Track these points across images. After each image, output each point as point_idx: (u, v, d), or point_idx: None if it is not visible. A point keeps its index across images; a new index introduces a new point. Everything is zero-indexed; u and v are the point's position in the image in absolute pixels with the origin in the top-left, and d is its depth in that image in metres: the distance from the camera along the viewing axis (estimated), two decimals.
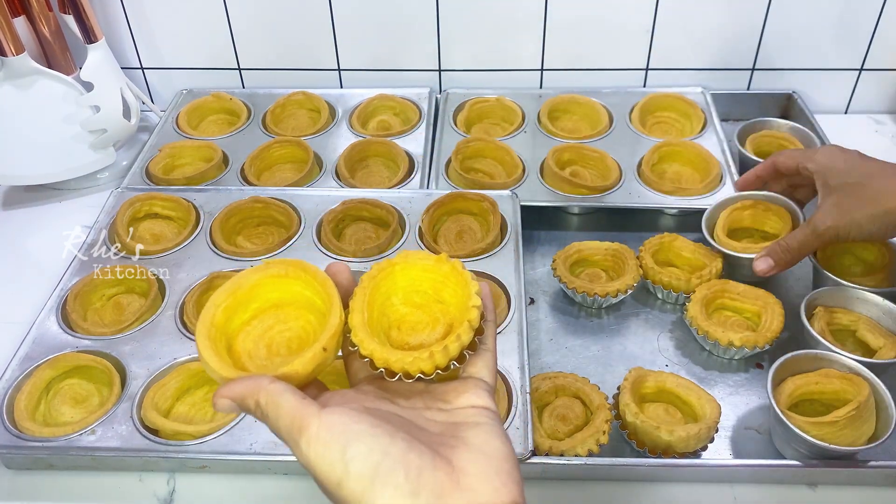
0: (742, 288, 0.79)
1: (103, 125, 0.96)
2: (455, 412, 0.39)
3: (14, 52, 0.89)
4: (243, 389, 0.37)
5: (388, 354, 0.39)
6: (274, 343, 0.42)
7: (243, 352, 0.41)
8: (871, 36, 1.05)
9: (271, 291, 0.43)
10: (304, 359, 0.38)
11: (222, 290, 0.42)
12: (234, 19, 1.09)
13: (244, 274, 0.42)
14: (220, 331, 0.41)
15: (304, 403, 0.35)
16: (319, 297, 0.42)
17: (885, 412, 0.64)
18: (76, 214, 0.95)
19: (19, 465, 0.68)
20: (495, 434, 0.37)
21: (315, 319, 0.43)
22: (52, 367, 0.72)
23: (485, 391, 0.40)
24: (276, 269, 0.43)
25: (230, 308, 0.42)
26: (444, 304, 0.42)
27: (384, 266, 0.43)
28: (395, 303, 0.43)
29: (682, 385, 0.70)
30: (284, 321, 0.43)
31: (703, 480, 0.66)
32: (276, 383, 0.36)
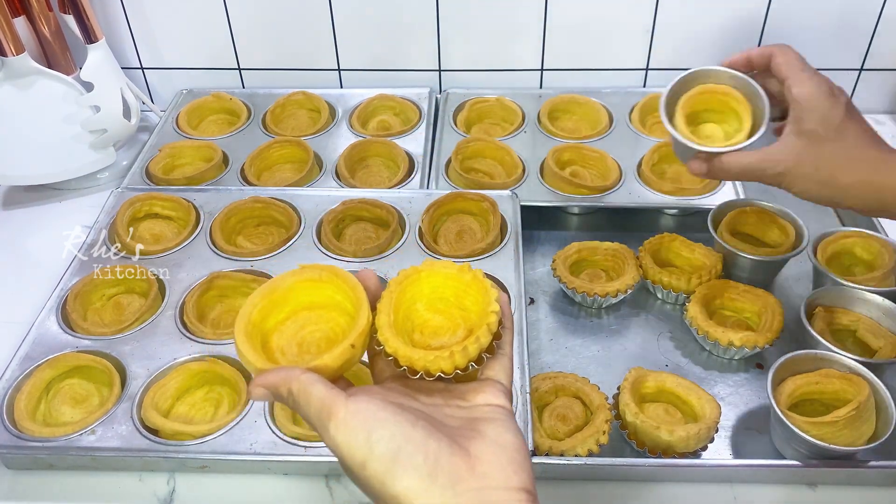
0: (742, 288, 0.79)
1: (103, 125, 0.96)
2: (473, 409, 0.41)
3: (14, 52, 0.89)
4: (277, 379, 0.39)
5: (410, 353, 0.41)
6: (305, 341, 0.45)
7: (277, 348, 0.44)
8: (871, 36, 1.05)
9: (305, 294, 0.45)
10: (333, 354, 0.41)
11: (259, 292, 0.45)
12: (234, 19, 1.09)
13: (280, 277, 0.45)
14: (256, 328, 0.43)
15: (333, 392, 0.38)
16: (349, 301, 0.45)
17: (884, 412, 0.64)
18: (76, 214, 0.95)
19: (19, 465, 0.68)
20: (509, 428, 0.40)
21: (345, 321, 0.45)
22: (53, 367, 0.72)
23: (501, 392, 0.43)
24: (311, 274, 0.45)
25: (266, 308, 0.44)
26: (466, 310, 0.45)
27: (410, 273, 0.45)
28: (420, 308, 0.45)
29: (682, 385, 0.70)
30: (316, 322, 0.45)
31: (703, 480, 0.66)
32: (308, 374, 0.39)
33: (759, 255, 0.80)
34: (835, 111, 0.60)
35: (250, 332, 0.43)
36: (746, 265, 0.81)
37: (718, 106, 0.68)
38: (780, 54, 0.63)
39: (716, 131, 0.68)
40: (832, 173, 0.60)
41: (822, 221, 0.91)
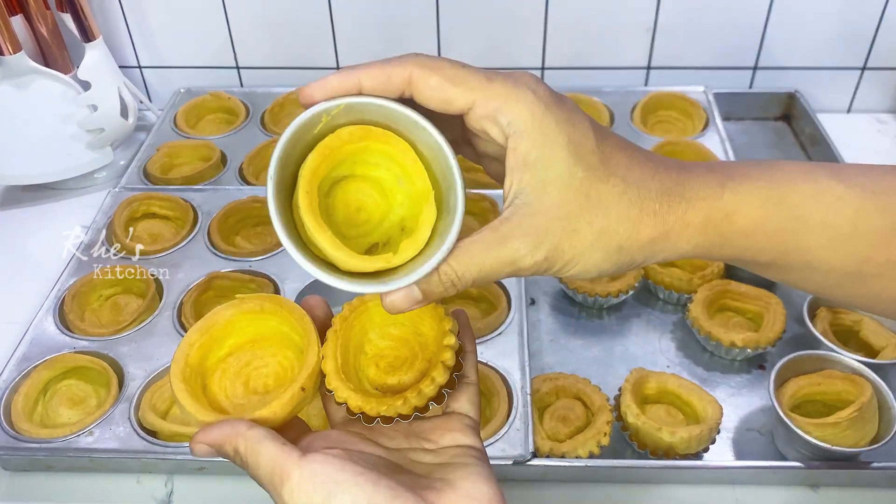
0: (744, 288, 0.78)
1: (101, 124, 0.96)
2: (441, 452, 0.38)
3: (11, 50, 0.89)
4: (220, 436, 0.35)
5: (361, 402, 0.38)
6: (251, 380, 0.41)
7: (220, 390, 0.41)
8: (874, 35, 1.05)
9: (247, 327, 0.42)
10: (282, 400, 0.38)
11: (196, 329, 0.41)
12: (232, 18, 1.09)
13: (218, 310, 0.42)
14: (194, 371, 0.40)
15: (285, 451, 0.34)
16: (296, 333, 0.41)
17: (887, 413, 0.64)
18: (74, 214, 0.94)
19: (16, 467, 0.67)
20: (482, 477, 0.36)
21: (293, 355, 0.42)
22: (50, 368, 0.71)
23: (469, 427, 0.39)
24: (251, 305, 0.42)
25: (205, 346, 0.41)
26: (422, 336, 0.41)
27: (356, 305, 0.41)
28: (373, 338, 0.42)
29: (684, 386, 0.69)
30: (261, 357, 0.42)
31: (704, 482, 0.66)
32: (255, 429, 0.35)
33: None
34: (577, 133, 0.35)
35: (188, 376, 0.40)
36: None
37: (377, 164, 0.38)
38: (424, 75, 0.35)
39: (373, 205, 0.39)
40: (612, 232, 0.35)
41: None
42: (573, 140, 0.35)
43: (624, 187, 0.35)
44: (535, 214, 0.35)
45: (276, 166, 0.35)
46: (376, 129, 0.36)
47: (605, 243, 0.35)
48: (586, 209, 0.35)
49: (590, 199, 0.35)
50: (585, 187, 0.35)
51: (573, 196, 0.35)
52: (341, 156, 0.37)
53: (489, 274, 0.36)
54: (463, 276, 0.36)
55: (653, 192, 0.36)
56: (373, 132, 0.36)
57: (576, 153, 0.35)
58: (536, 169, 0.34)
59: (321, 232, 0.35)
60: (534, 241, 0.35)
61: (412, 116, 0.35)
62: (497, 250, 0.35)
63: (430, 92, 0.34)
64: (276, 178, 0.35)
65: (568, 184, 0.34)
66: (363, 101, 0.35)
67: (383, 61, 0.35)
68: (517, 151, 0.34)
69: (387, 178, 0.38)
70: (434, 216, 0.36)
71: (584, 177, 0.35)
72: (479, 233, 0.36)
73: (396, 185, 0.38)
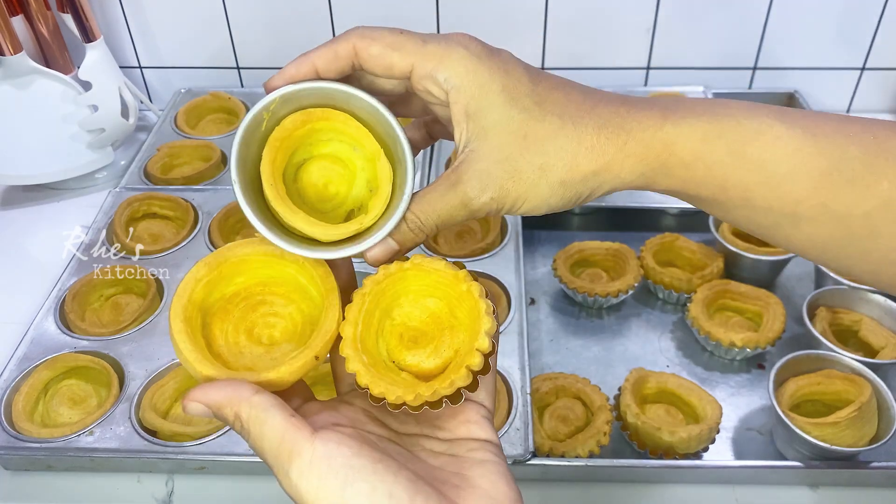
0: (744, 288, 0.78)
1: (101, 124, 0.96)
2: (455, 444, 0.36)
3: (12, 51, 0.89)
4: (221, 397, 0.33)
5: (371, 381, 0.35)
6: (256, 329, 0.37)
7: (220, 334, 0.37)
8: (874, 35, 1.05)
9: (261, 269, 0.38)
10: (292, 367, 0.34)
11: (205, 262, 0.37)
12: (232, 18, 1.09)
13: (233, 246, 0.38)
14: (197, 309, 0.36)
15: (295, 424, 0.32)
16: (315, 289, 0.38)
17: (887, 413, 0.64)
18: (74, 214, 0.94)
19: (17, 466, 0.67)
20: (502, 476, 0.34)
21: (307, 310, 0.38)
22: (50, 368, 0.71)
23: (485, 419, 0.37)
24: (273, 247, 0.37)
25: (212, 283, 0.37)
26: (457, 321, 0.38)
27: (394, 271, 0.38)
28: (404, 304, 0.39)
29: (684, 386, 0.70)
30: (271, 305, 0.38)
31: (704, 482, 0.66)
32: (261, 395, 0.32)
33: (761, 254, 0.80)
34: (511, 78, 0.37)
35: (190, 315, 0.36)
36: (748, 265, 0.81)
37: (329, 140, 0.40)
38: (365, 45, 0.37)
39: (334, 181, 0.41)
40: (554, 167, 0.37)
41: None
42: (507, 86, 0.37)
43: (560, 124, 0.37)
44: (479, 160, 0.37)
45: (236, 171, 0.37)
46: (315, 110, 0.38)
47: (547, 180, 0.37)
48: (525, 149, 0.37)
49: (527, 140, 0.37)
50: (523, 129, 0.37)
51: (512, 139, 0.37)
52: (293, 143, 0.39)
53: (447, 218, 0.38)
54: (426, 223, 0.38)
55: (590, 127, 0.37)
56: (313, 114, 0.38)
57: (511, 98, 0.37)
58: (477, 117, 0.37)
59: (293, 214, 0.37)
60: (480, 184, 0.37)
61: (343, 89, 0.37)
62: (449, 196, 0.37)
63: (373, 60, 0.37)
64: (241, 182, 0.37)
65: (506, 127, 0.37)
66: (296, 89, 0.37)
67: (331, 40, 0.37)
68: (458, 104, 0.37)
69: (341, 149, 0.40)
70: (389, 171, 0.38)
71: (521, 119, 0.37)
72: (435, 182, 0.38)
73: (353, 153, 0.40)
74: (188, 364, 0.34)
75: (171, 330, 0.35)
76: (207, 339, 0.36)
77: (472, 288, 0.37)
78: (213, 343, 0.36)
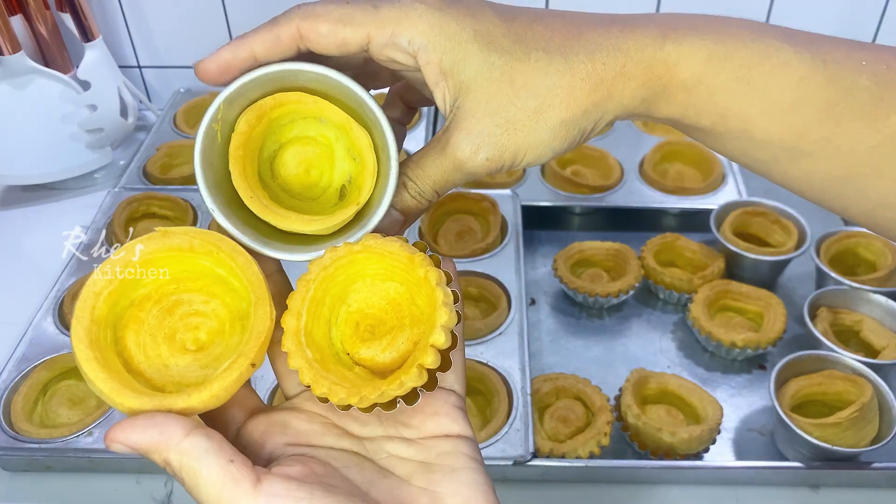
0: (745, 288, 0.78)
1: (100, 124, 0.95)
2: (425, 444, 0.32)
3: (10, 50, 0.89)
4: (146, 440, 0.28)
5: (312, 378, 0.31)
6: (178, 334, 0.33)
7: (137, 348, 0.32)
8: (874, 35, 1.04)
9: (169, 266, 0.34)
10: (225, 382, 0.30)
11: (102, 271, 0.33)
12: (232, 18, 1.08)
13: (131, 245, 0.34)
14: (103, 327, 0.31)
15: (234, 476, 0.27)
16: (238, 281, 0.33)
17: (888, 413, 0.64)
18: (73, 214, 0.94)
19: (16, 467, 0.67)
20: (478, 488, 0.31)
21: (232, 302, 0.33)
22: (49, 369, 0.71)
23: (457, 409, 0.33)
24: (178, 240, 0.33)
25: (116, 292, 0.32)
26: (418, 309, 0.34)
27: (343, 254, 0.33)
28: (361, 288, 0.35)
29: (685, 386, 0.69)
30: (189, 303, 0.33)
31: (705, 482, 0.65)
32: (193, 436, 0.28)
33: (761, 255, 0.80)
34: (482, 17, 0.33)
35: (96, 336, 0.30)
36: (749, 265, 0.81)
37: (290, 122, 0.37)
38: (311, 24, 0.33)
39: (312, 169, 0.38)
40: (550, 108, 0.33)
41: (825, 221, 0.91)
42: (480, 31, 0.33)
43: (547, 59, 0.33)
44: (466, 117, 0.33)
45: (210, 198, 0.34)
46: (266, 100, 0.35)
47: (545, 123, 0.33)
48: (514, 95, 0.33)
49: (515, 84, 0.33)
50: (508, 73, 0.32)
51: (497, 87, 0.33)
52: (255, 143, 0.36)
53: (444, 183, 0.35)
54: (424, 189, 0.35)
55: (581, 55, 0.33)
56: (264, 106, 0.35)
57: (486, 42, 0.32)
58: (454, 73, 0.33)
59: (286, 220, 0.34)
60: (472, 144, 0.33)
61: (286, 67, 0.34)
62: (441, 160, 0.34)
63: (323, 40, 0.33)
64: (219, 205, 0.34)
65: (488, 76, 0.32)
66: (238, 86, 0.34)
67: (270, 22, 0.33)
68: (430, 64, 0.33)
69: (307, 126, 0.37)
70: (367, 137, 0.35)
71: (503, 62, 0.32)
72: (426, 145, 0.35)
73: (321, 126, 0.37)
74: (105, 397, 0.29)
75: (77, 359, 0.30)
76: (123, 356, 0.31)
77: (429, 274, 0.32)
78: (131, 360, 0.31)
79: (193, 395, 0.30)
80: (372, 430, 0.33)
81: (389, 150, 0.34)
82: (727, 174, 0.93)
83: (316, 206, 0.37)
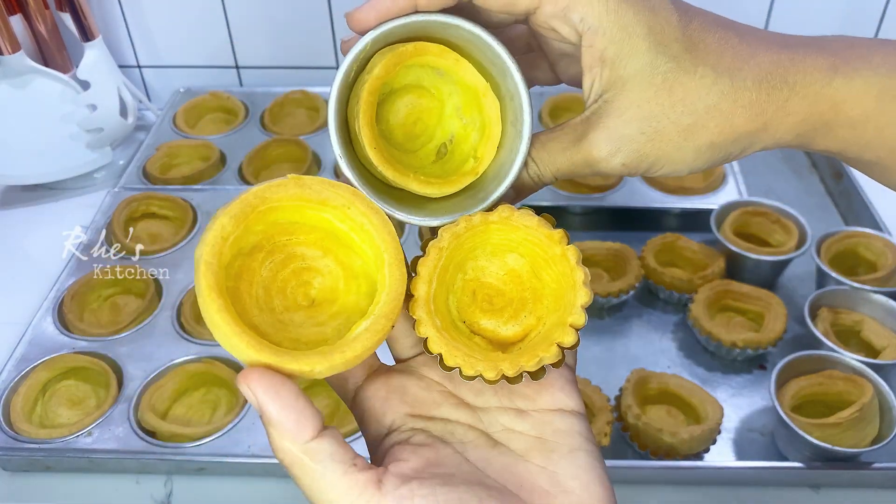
0: (745, 288, 0.78)
1: (100, 124, 0.95)
2: (539, 418, 0.32)
3: (10, 50, 0.89)
4: (276, 417, 0.27)
5: (444, 348, 0.31)
6: (289, 289, 0.31)
7: (251, 301, 0.30)
8: (875, 35, 1.04)
9: (290, 214, 0.31)
10: (368, 342, 0.29)
11: (231, 214, 0.30)
12: (231, 17, 1.08)
13: (261, 191, 0.31)
14: (228, 276, 0.30)
15: (357, 481, 0.27)
16: (361, 236, 0.32)
17: (888, 413, 0.64)
18: (73, 214, 0.94)
19: (16, 467, 0.67)
20: (595, 474, 0.31)
21: (346, 258, 0.32)
22: (49, 369, 0.71)
23: (570, 383, 0.33)
24: (312, 191, 0.31)
25: (238, 240, 0.30)
26: (542, 283, 0.34)
27: (477, 222, 0.33)
28: (481, 259, 0.34)
29: (685, 387, 0.69)
30: (302, 258, 0.32)
31: (705, 483, 0.65)
32: (321, 440, 0.27)
33: (762, 255, 0.80)
34: (660, 13, 0.32)
35: (223, 286, 0.29)
36: (750, 265, 0.81)
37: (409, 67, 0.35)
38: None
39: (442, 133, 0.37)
40: (704, 128, 0.32)
41: (825, 221, 0.91)
42: (654, 29, 0.31)
43: (714, 77, 0.31)
44: (613, 115, 0.32)
45: (338, 142, 0.33)
46: (406, 47, 0.33)
47: (693, 142, 0.32)
48: (670, 106, 0.31)
49: (674, 95, 0.31)
50: (669, 81, 0.31)
51: (655, 93, 0.31)
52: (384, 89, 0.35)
53: (568, 172, 0.34)
54: (544, 173, 0.34)
55: (748, 80, 0.31)
56: (404, 54, 0.33)
57: (658, 43, 0.31)
58: (615, 65, 0.31)
59: (404, 178, 0.33)
60: (611, 145, 0.32)
61: (437, 19, 0.32)
62: (573, 152, 0.33)
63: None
64: (345, 150, 0.33)
65: (650, 80, 0.31)
66: (388, 29, 0.32)
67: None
68: (593, 48, 0.31)
69: (423, 75, 0.35)
70: (498, 108, 0.34)
71: (668, 69, 0.31)
72: (559, 129, 0.34)
73: (437, 78, 0.35)
74: (239, 352, 0.28)
75: (209, 308, 0.28)
76: (238, 308, 0.29)
77: (567, 253, 0.32)
78: (246, 313, 0.30)
79: (336, 354, 0.28)
80: (486, 399, 0.33)
81: (523, 126, 0.33)
82: (727, 174, 0.92)
83: (414, 160, 0.36)
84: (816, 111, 0.32)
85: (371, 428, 0.33)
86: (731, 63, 0.31)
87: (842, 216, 0.94)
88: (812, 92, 0.31)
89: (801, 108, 0.32)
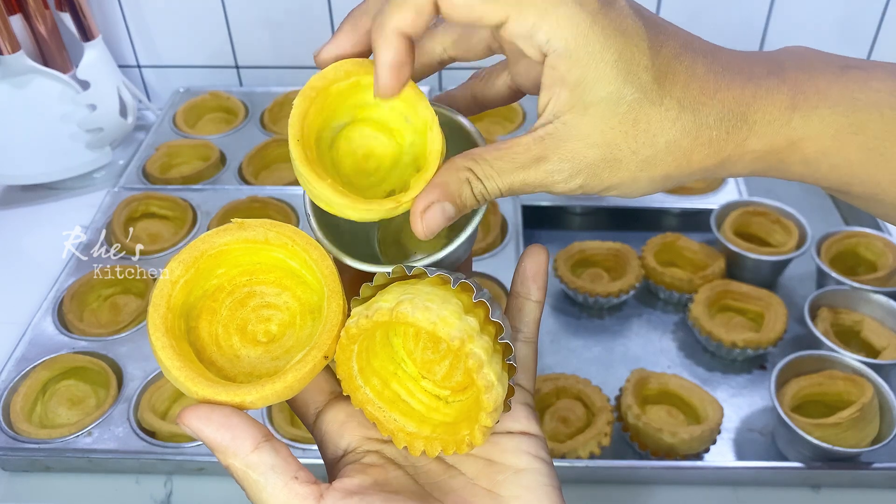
0: (745, 288, 0.78)
1: (100, 124, 0.95)
2: (491, 440, 0.32)
3: (10, 50, 0.89)
4: (216, 441, 0.29)
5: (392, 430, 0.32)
6: (249, 327, 0.33)
7: (209, 339, 0.32)
8: (875, 35, 1.04)
9: (243, 256, 0.33)
10: (299, 373, 0.30)
11: (179, 260, 0.32)
12: (231, 17, 1.08)
13: (208, 236, 0.33)
14: (178, 316, 0.32)
15: (297, 492, 0.28)
16: (310, 272, 0.33)
17: (889, 413, 0.64)
18: (72, 214, 0.94)
19: (15, 467, 0.67)
20: (542, 487, 0.31)
21: (304, 294, 0.34)
22: (49, 369, 0.71)
23: (524, 405, 0.33)
24: (253, 233, 0.33)
25: (191, 282, 0.32)
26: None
27: (367, 326, 0.31)
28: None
29: (685, 387, 0.69)
30: (261, 295, 0.33)
31: (705, 483, 0.65)
32: (261, 451, 0.29)
33: (762, 255, 0.80)
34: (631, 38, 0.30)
35: (171, 325, 0.31)
36: (750, 265, 0.81)
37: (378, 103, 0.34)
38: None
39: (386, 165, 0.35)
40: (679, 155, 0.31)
41: (825, 221, 0.91)
42: (624, 55, 0.29)
43: (678, 111, 0.30)
44: (574, 139, 0.30)
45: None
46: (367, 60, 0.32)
47: (649, 173, 0.31)
48: (632, 137, 0.30)
49: (637, 126, 0.30)
50: (634, 112, 0.30)
51: (618, 122, 0.30)
52: (333, 99, 0.33)
53: (518, 192, 0.32)
54: (491, 190, 0.32)
55: (710, 118, 0.31)
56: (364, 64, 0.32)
57: (626, 72, 0.29)
58: (578, 89, 0.30)
59: (320, 181, 0.31)
60: (570, 167, 0.31)
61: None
62: (529, 172, 0.31)
63: (458, 11, 0.29)
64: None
65: (614, 109, 0.30)
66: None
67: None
68: (555, 70, 0.30)
69: (392, 117, 0.34)
70: (441, 144, 0.33)
71: (634, 99, 0.30)
72: (507, 147, 0.32)
73: (404, 124, 0.34)
74: (180, 384, 0.30)
75: (154, 346, 0.31)
76: (195, 346, 0.32)
77: (469, 359, 0.29)
78: (204, 350, 0.32)
79: (267, 385, 0.30)
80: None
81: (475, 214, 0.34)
82: None
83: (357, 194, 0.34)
84: (773, 149, 0.32)
85: (329, 451, 0.33)
86: (697, 97, 0.31)
87: (842, 216, 0.94)
88: (771, 131, 0.31)
89: (758, 146, 0.32)
